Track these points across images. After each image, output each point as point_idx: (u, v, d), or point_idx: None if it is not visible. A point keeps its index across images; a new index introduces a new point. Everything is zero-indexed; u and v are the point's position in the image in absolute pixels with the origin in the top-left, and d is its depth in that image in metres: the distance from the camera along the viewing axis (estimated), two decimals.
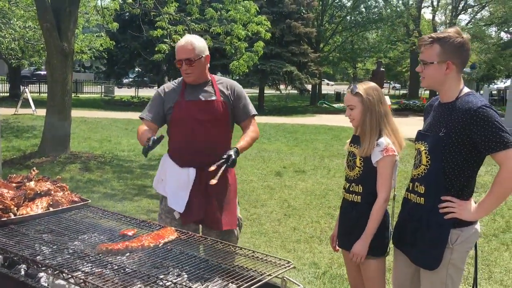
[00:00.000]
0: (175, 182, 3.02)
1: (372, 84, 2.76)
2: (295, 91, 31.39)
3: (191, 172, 3.01)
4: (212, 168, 2.78)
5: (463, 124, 2.23)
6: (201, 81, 3.10)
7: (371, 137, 2.65)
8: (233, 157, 2.88)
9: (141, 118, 3.17)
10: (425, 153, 2.37)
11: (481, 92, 31.09)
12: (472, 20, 37.36)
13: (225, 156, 2.86)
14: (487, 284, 4.29)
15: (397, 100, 32.86)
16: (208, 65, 3.15)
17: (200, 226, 3.15)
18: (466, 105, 2.24)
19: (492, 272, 4.55)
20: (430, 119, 2.46)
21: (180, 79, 3.21)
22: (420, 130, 2.51)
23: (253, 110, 3.25)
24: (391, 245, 2.75)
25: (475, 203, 2.35)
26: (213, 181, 2.73)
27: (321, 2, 32.37)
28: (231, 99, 3.14)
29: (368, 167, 2.66)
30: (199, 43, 3.04)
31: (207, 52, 3.09)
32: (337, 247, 2.95)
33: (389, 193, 2.63)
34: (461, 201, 2.30)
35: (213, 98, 3.07)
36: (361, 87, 2.70)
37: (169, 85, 3.21)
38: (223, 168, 2.85)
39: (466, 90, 2.35)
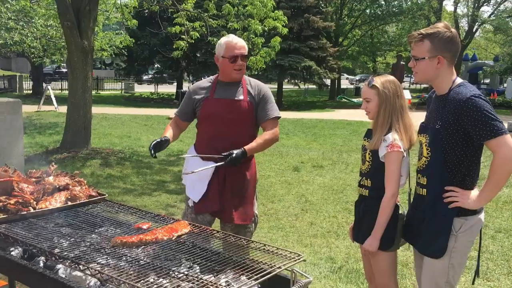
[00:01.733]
0: (195, 174, 3.07)
1: (390, 77, 2.75)
2: (314, 86, 31.25)
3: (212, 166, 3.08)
4: (203, 155, 2.94)
5: (455, 115, 2.28)
6: (236, 80, 3.20)
7: (382, 130, 2.65)
8: (234, 155, 2.92)
9: (175, 115, 3.36)
10: (426, 145, 2.42)
11: (505, 85, 30.51)
12: (495, 12, 36.53)
13: (225, 153, 2.91)
14: (506, 279, 4.24)
15: (418, 94, 32.43)
16: None
17: (217, 219, 3.23)
18: (457, 96, 2.29)
19: (507, 266, 4.48)
20: (429, 112, 2.51)
21: (214, 76, 3.31)
22: (422, 123, 2.55)
23: (275, 113, 3.27)
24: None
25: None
26: (188, 172, 2.92)
27: None
28: (256, 100, 3.20)
29: (376, 161, 2.67)
30: None
31: None
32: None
33: (397, 189, 2.63)
34: (464, 190, 2.34)
35: (241, 97, 3.15)
36: (378, 80, 2.69)
37: (202, 82, 3.34)
38: (216, 164, 2.92)
39: (458, 81, 2.39)
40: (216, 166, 3.00)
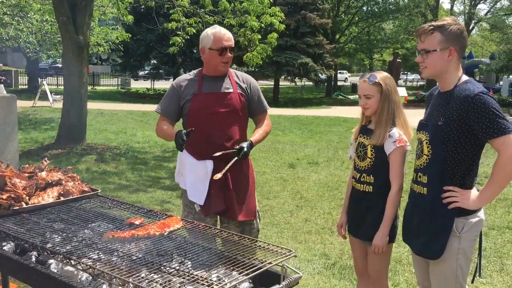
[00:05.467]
0: (193, 175, 3.03)
1: (386, 73, 2.80)
2: (311, 83, 31.24)
3: (209, 164, 3.00)
4: (217, 154, 2.82)
5: (461, 111, 2.23)
6: (222, 73, 3.12)
7: (386, 126, 2.68)
8: (245, 149, 2.90)
9: (158, 113, 3.17)
10: (426, 143, 2.38)
11: (501, 83, 30.57)
12: (492, 9, 36.60)
13: (237, 147, 2.89)
14: (498, 276, 4.26)
15: (415, 91, 32.48)
16: None
17: (218, 217, 3.17)
18: (464, 92, 2.25)
19: (504, 264, 4.51)
20: (430, 109, 2.47)
21: (196, 71, 3.20)
22: (421, 120, 2.52)
23: (267, 105, 3.30)
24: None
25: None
26: (218, 175, 2.78)
27: None
28: (248, 92, 3.16)
29: (380, 158, 2.69)
30: None
31: None
32: (345, 234, 3.00)
33: (402, 183, 2.67)
34: (463, 190, 2.31)
35: (230, 90, 3.08)
36: (378, 76, 2.73)
37: (185, 77, 3.19)
38: (233, 161, 2.88)
39: (464, 78, 2.36)
40: (214, 163, 2.99)
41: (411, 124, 2.76)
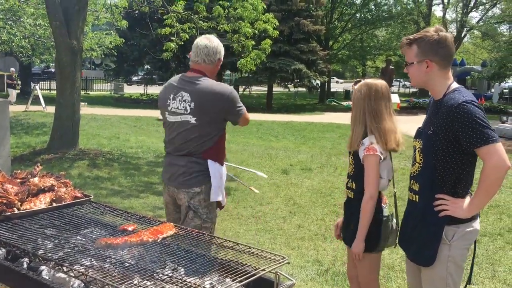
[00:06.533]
0: (222, 181, 3.12)
1: (372, 80, 2.80)
2: (304, 89, 31.32)
3: (224, 167, 3.18)
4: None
5: (446, 121, 2.25)
6: None
7: (355, 131, 2.75)
8: None
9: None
10: (419, 151, 2.40)
11: (493, 90, 30.83)
12: (483, 17, 36.95)
13: None
14: (490, 283, 4.28)
15: (407, 98, 32.66)
16: None
17: None
18: (449, 102, 2.26)
19: (496, 271, 4.53)
20: (426, 117, 2.50)
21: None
22: (418, 128, 2.54)
23: None
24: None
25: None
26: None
27: (330, 0, 32.22)
28: None
29: (358, 164, 2.75)
30: None
31: None
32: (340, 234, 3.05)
33: (374, 191, 2.68)
34: (454, 199, 2.31)
35: None
36: (359, 83, 2.80)
37: None
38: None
39: (454, 86, 2.36)
40: None
41: (406, 131, 2.78)
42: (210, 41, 3.07)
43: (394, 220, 2.83)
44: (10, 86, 20.60)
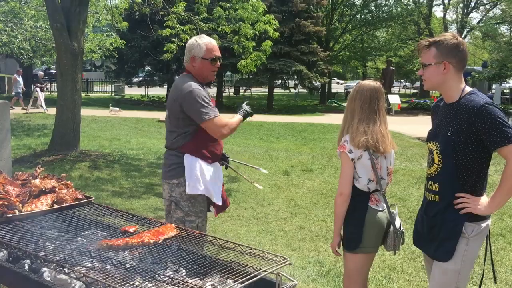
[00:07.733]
0: (209, 178, 3.11)
1: (363, 81, 2.91)
2: (305, 90, 31.31)
3: (218, 166, 3.25)
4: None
5: (468, 122, 2.33)
6: (210, 81, 3.38)
7: (341, 131, 2.87)
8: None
9: (215, 116, 3.13)
10: (437, 152, 2.48)
11: (493, 91, 30.80)
12: (484, 18, 36.93)
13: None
14: (491, 283, 4.27)
15: (408, 99, 32.65)
16: None
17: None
18: (470, 104, 2.35)
19: (498, 271, 4.53)
20: (438, 119, 2.57)
21: (191, 78, 3.14)
22: (430, 130, 2.62)
23: None
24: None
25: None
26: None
27: (330, 1, 32.19)
28: None
29: None
30: None
31: None
32: None
33: (344, 188, 2.75)
34: (475, 197, 2.41)
35: (215, 95, 3.28)
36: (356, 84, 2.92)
37: (198, 85, 3.14)
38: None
39: (468, 89, 2.45)
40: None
41: (407, 131, 2.80)
42: (190, 40, 3.22)
43: (397, 224, 2.82)
44: (41, 90, 19.85)
